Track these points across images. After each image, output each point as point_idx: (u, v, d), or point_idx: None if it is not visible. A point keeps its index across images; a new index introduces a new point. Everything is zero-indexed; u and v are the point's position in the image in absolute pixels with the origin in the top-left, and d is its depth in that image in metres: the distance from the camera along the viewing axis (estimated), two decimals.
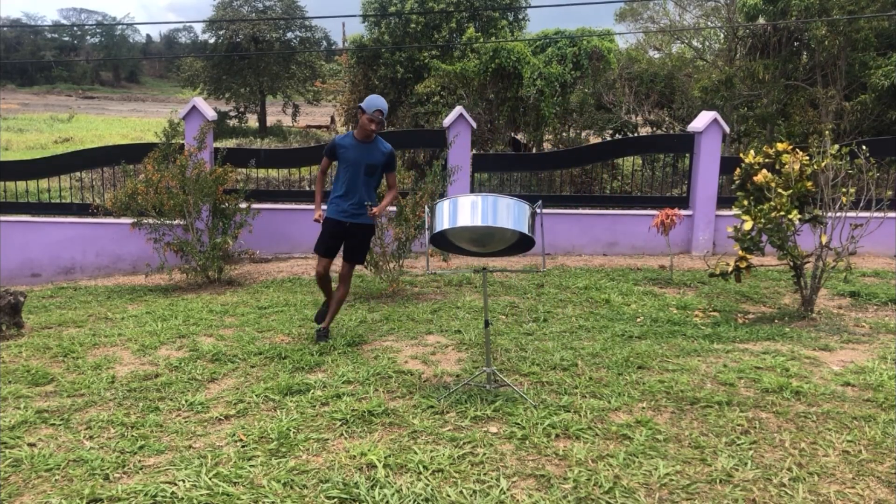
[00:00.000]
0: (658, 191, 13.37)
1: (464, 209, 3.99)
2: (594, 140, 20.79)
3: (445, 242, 4.23)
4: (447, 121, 10.32)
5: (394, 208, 7.70)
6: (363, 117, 5.23)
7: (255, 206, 9.24)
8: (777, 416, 3.82)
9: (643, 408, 3.94)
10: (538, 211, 4.16)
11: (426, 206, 4.26)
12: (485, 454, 3.36)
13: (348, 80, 24.32)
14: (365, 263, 7.71)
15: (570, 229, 10.18)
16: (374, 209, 5.24)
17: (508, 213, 3.95)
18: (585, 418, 3.77)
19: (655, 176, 14.91)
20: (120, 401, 4.20)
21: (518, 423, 3.69)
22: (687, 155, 10.73)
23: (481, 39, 20.12)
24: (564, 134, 21.30)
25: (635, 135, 20.15)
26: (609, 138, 20.16)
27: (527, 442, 3.49)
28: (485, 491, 3.03)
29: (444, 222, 4.02)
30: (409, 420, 3.77)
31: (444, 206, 4.05)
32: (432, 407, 3.95)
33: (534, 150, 19.58)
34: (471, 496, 2.99)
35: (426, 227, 4.19)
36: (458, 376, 4.54)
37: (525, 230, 3.97)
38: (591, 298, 7.07)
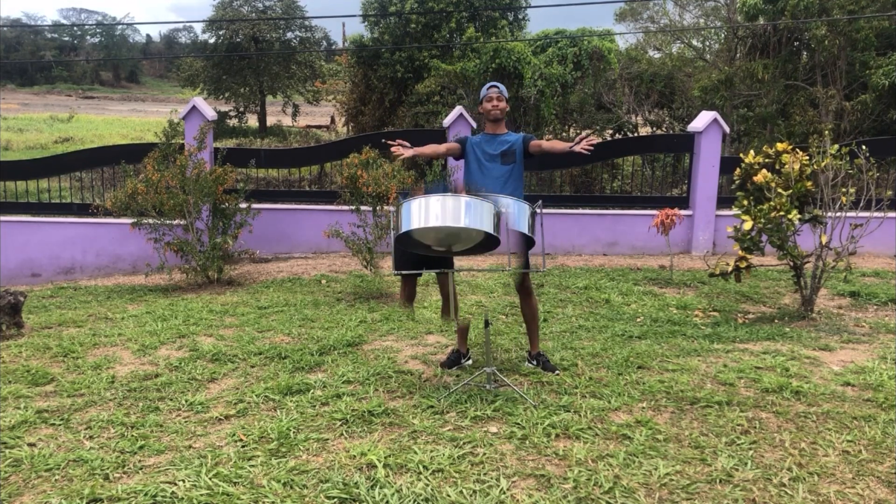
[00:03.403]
0: (658, 191, 13.36)
1: (432, 209, 3.94)
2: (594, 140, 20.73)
3: (411, 242, 4.17)
4: (447, 120, 10.31)
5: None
6: (482, 107, 4.61)
7: (255, 206, 9.24)
8: (777, 416, 3.82)
9: (643, 408, 3.94)
10: (538, 211, 4.15)
11: (393, 206, 4.19)
12: (485, 454, 3.36)
13: (348, 80, 24.32)
14: (365, 263, 7.68)
15: (570, 229, 10.18)
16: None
17: (473, 212, 3.92)
18: (585, 418, 3.77)
19: (655, 176, 14.91)
20: (120, 401, 4.20)
21: (518, 423, 3.69)
22: (687, 155, 10.73)
23: (481, 39, 20.12)
24: (564, 134, 21.30)
25: (635, 135, 20.16)
26: (609, 138, 20.16)
27: (527, 442, 3.49)
28: (485, 491, 3.03)
29: (410, 222, 3.96)
30: (409, 420, 3.77)
31: (408, 207, 4.00)
32: (432, 407, 3.95)
33: None
34: (471, 496, 2.99)
35: (391, 226, 4.13)
36: (458, 376, 4.54)
37: (490, 230, 3.92)
38: (591, 298, 7.07)
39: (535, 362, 4.70)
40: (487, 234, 3.94)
